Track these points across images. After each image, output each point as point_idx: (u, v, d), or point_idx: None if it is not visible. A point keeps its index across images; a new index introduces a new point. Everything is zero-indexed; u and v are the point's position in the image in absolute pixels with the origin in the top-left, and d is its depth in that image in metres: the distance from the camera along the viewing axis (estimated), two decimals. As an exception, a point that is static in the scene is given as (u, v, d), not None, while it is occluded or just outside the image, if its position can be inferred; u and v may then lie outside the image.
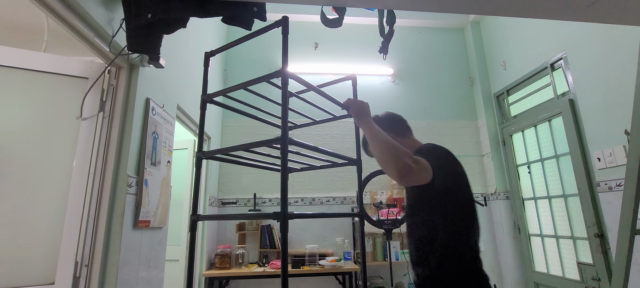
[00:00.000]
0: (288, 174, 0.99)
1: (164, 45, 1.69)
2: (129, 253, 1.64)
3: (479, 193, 3.79)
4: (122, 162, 1.64)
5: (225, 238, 3.40)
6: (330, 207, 3.62)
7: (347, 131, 3.83)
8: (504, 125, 3.74)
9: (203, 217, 1.15)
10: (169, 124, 2.11)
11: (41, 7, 1.28)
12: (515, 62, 3.52)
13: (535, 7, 1.39)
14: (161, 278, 2.02)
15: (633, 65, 2.21)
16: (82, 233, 1.50)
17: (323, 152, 1.24)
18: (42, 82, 1.59)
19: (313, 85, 1.25)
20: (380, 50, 1.87)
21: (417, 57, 4.21)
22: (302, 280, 3.36)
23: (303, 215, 1.10)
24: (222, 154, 1.22)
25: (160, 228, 1.99)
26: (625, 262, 1.37)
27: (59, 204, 1.51)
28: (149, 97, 1.86)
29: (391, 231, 2.83)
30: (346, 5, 1.45)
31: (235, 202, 3.52)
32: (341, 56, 4.07)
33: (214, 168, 3.36)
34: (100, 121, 1.62)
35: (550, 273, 3.09)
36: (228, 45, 1.25)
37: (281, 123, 1.01)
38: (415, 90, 4.09)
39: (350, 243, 3.42)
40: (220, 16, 1.50)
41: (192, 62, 2.62)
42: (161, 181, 1.95)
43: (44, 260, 1.45)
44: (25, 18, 2.22)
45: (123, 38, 1.58)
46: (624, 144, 2.30)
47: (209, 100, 1.24)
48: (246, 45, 3.92)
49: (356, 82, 1.56)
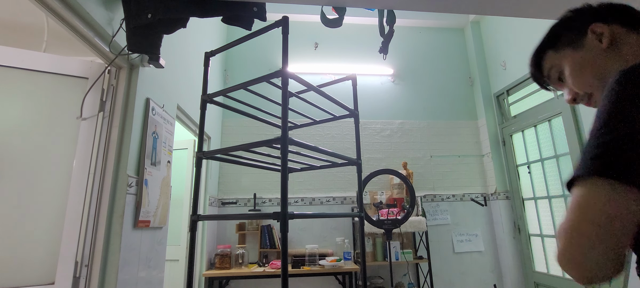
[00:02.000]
0: (288, 174, 0.99)
1: (164, 45, 1.69)
2: (129, 253, 1.64)
3: (479, 193, 3.79)
4: (122, 162, 1.64)
5: (225, 238, 3.40)
6: (330, 207, 3.62)
7: (347, 131, 3.83)
8: (504, 125, 3.74)
9: (203, 217, 1.15)
10: (169, 124, 2.11)
11: (41, 7, 1.28)
12: (515, 62, 3.52)
13: (535, 7, 1.39)
14: (161, 278, 2.02)
15: (633, 65, 2.21)
16: (82, 233, 1.50)
17: (323, 152, 1.24)
18: (42, 82, 1.59)
19: (313, 85, 1.25)
20: (380, 50, 1.87)
21: (417, 57, 4.21)
22: (302, 280, 3.36)
23: (303, 215, 1.10)
24: (222, 154, 1.22)
25: (160, 228, 1.99)
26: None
27: (59, 204, 1.51)
28: (149, 97, 1.86)
29: (391, 231, 2.83)
30: (346, 5, 1.45)
31: (235, 202, 3.52)
32: (341, 56, 4.07)
33: (214, 168, 3.36)
34: (100, 121, 1.62)
35: (550, 273, 3.09)
36: (228, 45, 1.25)
37: (281, 123, 1.01)
38: (415, 90, 4.09)
39: (350, 243, 3.42)
40: (220, 16, 1.50)
41: (192, 62, 2.62)
42: (161, 181, 1.95)
43: (44, 260, 1.45)
44: (25, 18, 2.22)
45: (123, 38, 1.58)
46: (624, 143, 2.30)
47: (209, 100, 1.25)
48: (246, 45, 3.92)
49: (356, 82, 1.56)
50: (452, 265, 3.56)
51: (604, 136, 0.45)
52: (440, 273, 3.50)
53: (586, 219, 0.43)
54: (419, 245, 3.47)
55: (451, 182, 3.80)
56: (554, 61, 0.72)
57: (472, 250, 3.62)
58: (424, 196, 3.69)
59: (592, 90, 0.67)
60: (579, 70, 0.67)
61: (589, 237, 0.42)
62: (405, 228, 3.07)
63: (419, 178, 3.72)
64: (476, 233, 3.67)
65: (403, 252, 3.19)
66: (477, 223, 3.69)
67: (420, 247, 3.47)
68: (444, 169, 3.83)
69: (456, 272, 3.55)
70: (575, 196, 0.45)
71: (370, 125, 3.88)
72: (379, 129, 3.89)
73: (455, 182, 3.81)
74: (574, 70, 0.68)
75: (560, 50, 0.71)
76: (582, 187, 0.45)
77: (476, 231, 3.68)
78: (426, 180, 3.76)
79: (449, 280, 3.52)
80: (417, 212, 3.35)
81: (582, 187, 0.45)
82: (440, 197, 3.74)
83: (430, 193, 3.74)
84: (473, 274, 3.56)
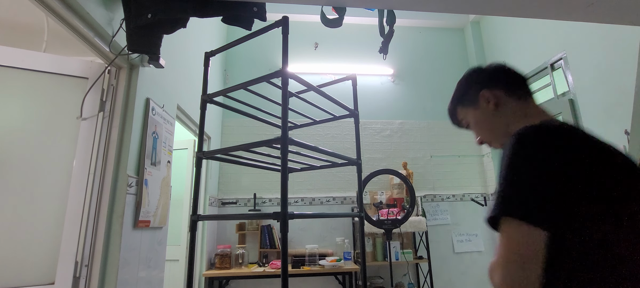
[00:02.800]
0: (288, 174, 0.99)
1: (164, 45, 1.69)
2: (129, 253, 1.64)
3: (479, 193, 3.79)
4: (122, 162, 1.64)
5: (225, 238, 3.40)
6: (330, 207, 3.62)
7: (347, 131, 3.83)
8: (504, 125, 3.74)
9: (203, 217, 1.15)
10: (169, 124, 2.11)
11: (41, 7, 1.27)
12: (515, 62, 3.51)
13: (535, 7, 1.39)
14: (161, 278, 2.02)
15: (633, 65, 2.21)
16: (82, 233, 1.50)
17: (323, 152, 1.24)
18: (42, 82, 1.59)
19: (313, 85, 1.25)
20: (380, 50, 1.87)
21: (417, 57, 4.21)
22: (302, 280, 3.36)
23: (303, 215, 1.10)
24: (222, 154, 1.22)
25: (160, 228, 1.99)
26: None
27: (59, 204, 1.51)
28: (149, 97, 1.86)
29: (391, 231, 2.83)
30: (346, 5, 1.45)
31: (235, 202, 3.52)
32: (341, 56, 4.07)
33: (214, 168, 3.36)
34: (100, 121, 1.62)
35: (550, 273, 3.09)
36: (228, 45, 1.25)
37: (281, 123, 1.01)
38: (415, 90, 4.09)
39: (350, 243, 3.42)
40: (220, 16, 1.50)
41: (192, 62, 2.62)
42: (161, 181, 1.95)
43: (44, 260, 1.45)
44: (25, 18, 2.22)
45: (123, 38, 1.58)
46: (624, 143, 2.30)
47: (209, 100, 1.25)
48: (246, 45, 3.92)
49: (356, 82, 1.56)
50: (452, 265, 3.56)
51: (506, 186, 0.62)
52: (440, 273, 3.50)
53: (511, 251, 0.58)
54: (419, 245, 3.47)
55: (451, 182, 3.80)
56: (462, 115, 0.91)
57: (472, 250, 3.62)
58: (424, 196, 3.69)
59: (490, 140, 0.86)
60: (478, 125, 0.87)
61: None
62: (405, 228, 3.07)
63: (419, 178, 3.72)
64: (476, 233, 3.67)
65: (403, 252, 3.19)
66: (477, 223, 3.69)
67: (420, 247, 3.47)
68: (444, 169, 3.83)
69: (456, 272, 3.55)
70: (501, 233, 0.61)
71: (370, 125, 3.88)
72: (379, 129, 3.89)
73: (455, 182, 3.81)
74: (474, 124, 0.88)
75: (465, 107, 0.90)
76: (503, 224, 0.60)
77: (476, 231, 3.68)
78: (426, 180, 3.76)
79: (449, 280, 3.52)
80: (417, 212, 3.35)
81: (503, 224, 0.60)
82: (440, 197, 3.74)
83: (430, 193, 3.74)
84: (473, 274, 3.56)
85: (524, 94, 0.84)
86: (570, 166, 0.60)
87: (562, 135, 0.65)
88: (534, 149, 0.62)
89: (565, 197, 0.58)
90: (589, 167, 0.61)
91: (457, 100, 0.92)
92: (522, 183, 0.60)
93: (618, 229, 0.58)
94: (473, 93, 0.86)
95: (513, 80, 0.85)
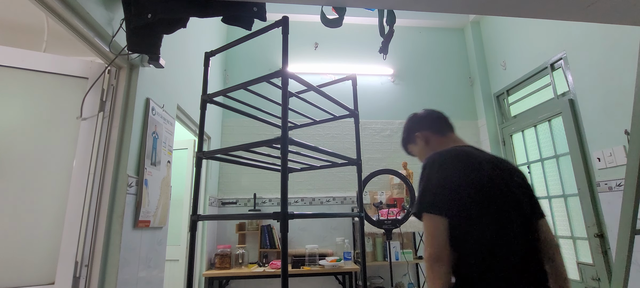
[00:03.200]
0: (288, 174, 0.99)
1: (164, 45, 1.69)
2: (129, 253, 1.64)
3: (479, 193, 3.78)
4: (122, 162, 1.64)
5: (225, 238, 3.40)
6: (330, 207, 3.62)
7: (347, 131, 3.83)
8: (504, 125, 3.74)
9: (203, 217, 1.15)
10: (169, 124, 2.11)
11: (41, 7, 1.28)
12: (515, 62, 3.52)
13: (535, 7, 1.39)
14: (161, 278, 2.02)
15: (633, 65, 2.21)
16: (82, 233, 1.50)
17: (323, 152, 1.24)
18: (42, 82, 1.59)
19: (313, 85, 1.25)
20: (380, 50, 1.87)
21: (417, 57, 4.21)
22: (302, 280, 3.36)
23: (303, 215, 1.10)
24: (222, 154, 1.22)
25: (160, 228, 1.99)
26: (625, 262, 1.37)
27: (59, 204, 1.51)
28: (149, 97, 1.86)
29: (391, 231, 2.83)
30: (346, 5, 1.45)
31: (235, 202, 3.52)
32: (341, 56, 4.07)
33: (214, 168, 3.36)
34: (100, 121, 1.62)
35: (550, 273, 3.09)
36: (228, 45, 1.25)
37: (281, 123, 1.01)
38: (415, 90, 4.09)
39: (350, 243, 3.42)
40: (220, 16, 1.49)
41: (192, 62, 2.62)
42: (161, 181, 1.95)
43: (44, 260, 1.45)
44: (25, 18, 2.22)
45: (123, 38, 1.58)
46: (624, 144, 2.30)
47: (209, 100, 1.25)
48: (246, 45, 3.92)
49: (356, 82, 1.56)
50: (452, 265, 3.55)
51: (421, 191, 1.02)
52: (440, 273, 3.50)
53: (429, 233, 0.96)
54: (419, 245, 3.47)
55: (451, 182, 3.79)
56: (410, 149, 1.35)
57: (472, 250, 3.61)
58: (424, 196, 3.68)
59: None
60: (419, 154, 1.31)
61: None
62: (405, 228, 3.06)
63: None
64: (476, 233, 3.66)
65: (403, 252, 3.18)
66: (477, 223, 3.68)
67: (420, 247, 3.47)
68: (444, 169, 3.82)
69: (456, 272, 3.54)
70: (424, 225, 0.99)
71: (370, 125, 3.88)
72: (379, 129, 3.89)
73: (455, 182, 3.80)
74: (418, 155, 1.32)
75: (410, 144, 1.33)
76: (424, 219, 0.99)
77: (476, 231, 3.67)
78: (426, 180, 3.75)
79: (449, 280, 3.51)
80: (417, 212, 3.34)
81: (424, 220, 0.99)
82: (440, 197, 3.73)
83: (430, 193, 3.73)
84: (473, 274, 3.55)
85: (446, 131, 1.26)
86: (458, 176, 0.98)
87: (456, 157, 1.03)
88: (436, 167, 1.02)
89: (455, 196, 0.96)
90: (469, 176, 0.97)
91: (405, 140, 1.35)
92: (430, 189, 0.99)
93: (487, 216, 0.95)
94: (412, 134, 1.30)
95: (437, 122, 1.28)
